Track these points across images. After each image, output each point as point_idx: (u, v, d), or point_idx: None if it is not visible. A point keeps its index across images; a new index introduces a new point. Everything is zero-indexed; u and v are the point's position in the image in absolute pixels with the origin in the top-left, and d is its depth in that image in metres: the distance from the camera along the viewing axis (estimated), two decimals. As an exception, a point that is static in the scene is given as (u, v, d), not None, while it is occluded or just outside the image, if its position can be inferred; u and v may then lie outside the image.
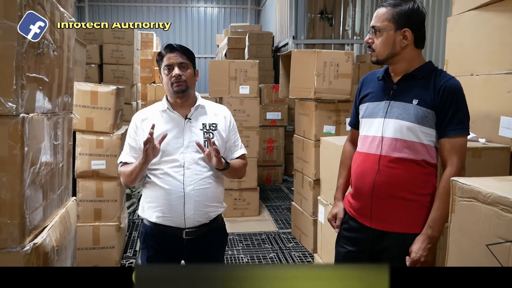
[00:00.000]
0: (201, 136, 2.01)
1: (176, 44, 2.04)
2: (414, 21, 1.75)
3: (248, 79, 4.82)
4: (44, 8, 1.25)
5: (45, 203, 1.36)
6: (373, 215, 1.83)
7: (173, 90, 1.98)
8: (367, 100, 1.90)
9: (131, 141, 2.04)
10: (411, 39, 1.75)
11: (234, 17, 14.21)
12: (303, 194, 4.02)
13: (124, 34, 6.64)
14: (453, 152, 1.69)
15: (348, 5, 8.51)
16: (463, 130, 1.70)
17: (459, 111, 1.69)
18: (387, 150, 1.78)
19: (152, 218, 2.00)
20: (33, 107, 1.21)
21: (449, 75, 1.78)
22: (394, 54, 1.77)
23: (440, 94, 1.70)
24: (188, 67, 2.01)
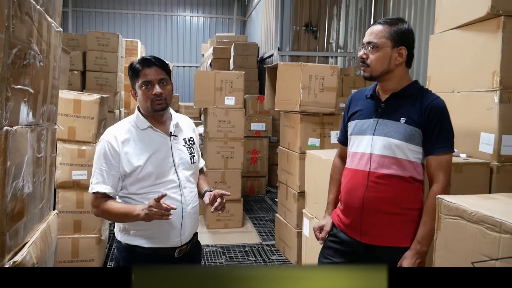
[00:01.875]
0: (187, 153, 1.97)
1: (153, 57, 1.89)
2: (409, 41, 1.83)
3: (234, 90, 4.83)
4: (31, 18, 1.23)
5: (26, 218, 1.33)
6: (362, 229, 1.86)
7: (153, 108, 1.86)
8: (356, 118, 1.94)
9: (107, 167, 1.82)
10: (404, 58, 1.82)
11: (220, 27, 14.27)
12: (287, 206, 4.02)
13: (109, 41, 6.59)
14: (439, 169, 1.75)
15: (333, 18, 8.63)
16: (449, 148, 1.77)
17: (445, 130, 1.76)
18: (375, 167, 1.82)
19: (144, 244, 1.86)
20: (17, 119, 1.19)
21: (435, 94, 1.84)
22: (388, 71, 1.83)
23: (427, 113, 1.76)
24: (167, 82, 1.89)
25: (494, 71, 2.39)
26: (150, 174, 1.84)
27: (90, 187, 1.86)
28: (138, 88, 1.87)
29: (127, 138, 1.85)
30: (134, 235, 1.87)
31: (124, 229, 1.90)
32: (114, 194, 1.86)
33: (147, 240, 1.86)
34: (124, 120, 1.97)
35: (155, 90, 1.83)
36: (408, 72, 1.88)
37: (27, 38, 1.19)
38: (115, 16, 13.75)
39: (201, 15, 14.27)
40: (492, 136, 2.38)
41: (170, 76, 1.94)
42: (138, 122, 1.90)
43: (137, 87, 1.87)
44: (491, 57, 2.41)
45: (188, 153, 1.97)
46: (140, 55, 9.91)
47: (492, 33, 2.41)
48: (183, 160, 1.93)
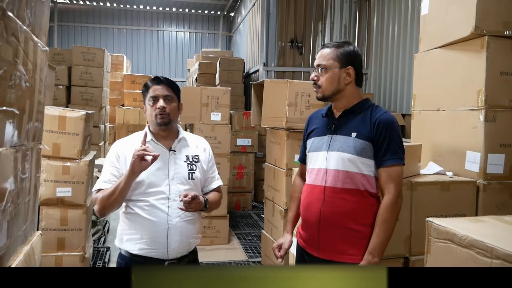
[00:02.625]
0: (185, 168, 2.06)
1: (163, 77, 2.08)
2: (356, 61, 1.93)
3: (220, 106, 4.82)
4: (18, 38, 1.21)
5: (9, 241, 1.29)
6: (320, 245, 1.91)
7: (156, 122, 2.01)
8: (313, 135, 2.02)
9: (112, 169, 2.01)
10: (352, 77, 1.91)
11: (206, 42, 14.33)
12: (273, 222, 4.00)
13: (94, 56, 6.57)
14: (390, 180, 1.81)
15: (318, 34, 8.74)
16: (398, 160, 1.82)
17: (393, 143, 1.82)
18: (331, 181, 1.89)
19: (134, 250, 1.98)
20: (2, 141, 1.16)
21: (383, 109, 1.93)
22: (339, 90, 1.92)
23: (375, 127, 1.83)
24: (173, 100, 2.04)
25: (479, 90, 2.43)
26: (142, 182, 1.95)
27: (95, 185, 2.03)
28: (147, 102, 2.06)
29: (131, 147, 1.99)
30: (127, 240, 2.00)
31: (120, 234, 2.05)
32: None
33: (136, 246, 1.97)
34: (134, 134, 2.16)
35: (159, 104, 1.99)
36: (359, 91, 1.98)
37: (13, 59, 1.17)
38: (101, 31, 13.71)
39: (187, 30, 14.32)
40: (478, 154, 2.42)
41: (179, 96, 2.10)
42: (143, 135, 2.03)
43: (146, 102, 2.06)
44: (475, 76, 2.46)
45: (187, 169, 2.05)
46: (126, 70, 9.88)
47: (476, 53, 2.46)
48: (179, 175, 2.02)
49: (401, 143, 1.85)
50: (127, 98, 8.92)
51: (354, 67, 1.91)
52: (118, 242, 2.06)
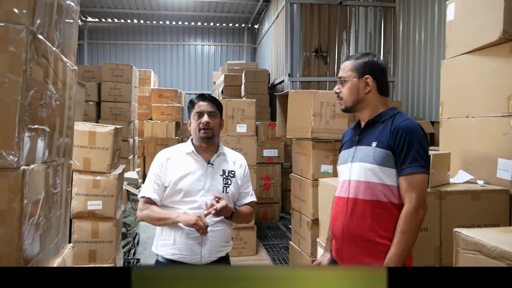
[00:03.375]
0: (220, 182, 2.18)
1: (208, 95, 2.26)
2: (373, 69, 1.92)
3: (245, 117, 4.86)
4: (48, 59, 1.27)
5: (42, 254, 1.33)
6: (343, 257, 1.90)
7: (199, 136, 2.16)
8: (342, 149, 2.06)
9: (155, 178, 2.16)
10: (373, 85, 1.91)
11: (231, 55, 14.48)
12: (301, 233, 3.98)
13: (123, 72, 6.74)
14: (410, 189, 1.75)
15: (342, 43, 8.70)
16: (419, 168, 1.75)
17: (413, 149, 1.76)
18: (353, 193, 1.87)
19: (167, 255, 2.10)
20: (34, 158, 1.21)
21: (406, 117, 1.88)
22: (359, 100, 1.93)
23: (394, 135, 1.80)
24: (216, 116, 2.20)
25: (509, 95, 2.37)
26: (179, 190, 2.10)
27: (141, 191, 2.20)
28: (192, 117, 2.22)
29: (173, 157, 2.19)
30: (161, 245, 2.14)
31: (156, 240, 2.20)
32: (158, 201, 2.16)
33: (170, 251, 2.10)
34: (178, 145, 2.33)
35: (203, 120, 2.15)
36: (384, 100, 1.96)
37: (44, 79, 1.22)
38: (129, 47, 14.07)
39: (212, 43, 14.52)
40: (509, 162, 2.34)
41: (221, 113, 2.26)
42: (186, 147, 2.23)
43: (191, 117, 2.22)
44: (505, 82, 2.39)
45: (223, 183, 2.19)
46: (153, 85, 10.09)
47: (504, 58, 2.40)
48: (213, 187, 2.15)
49: (422, 149, 1.78)
50: (155, 112, 9.09)
51: (373, 76, 1.90)
52: (154, 247, 2.19)
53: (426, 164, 1.79)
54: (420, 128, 1.83)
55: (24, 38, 1.08)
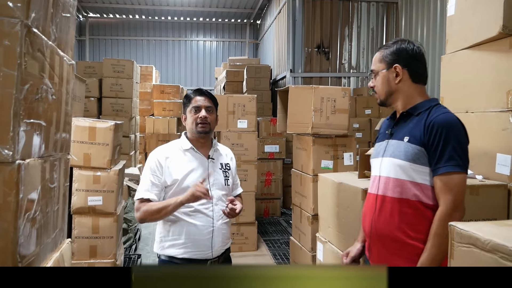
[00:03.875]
0: (222, 175, 2.24)
1: (205, 90, 2.26)
2: (403, 57, 1.80)
3: (246, 113, 4.86)
4: (43, 54, 1.27)
5: (39, 248, 1.34)
6: (371, 256, 1.84)
7: (197, 130, 2.17)
8: (376, 141, 1.97)
9: (153, 178, 2.13)
10: (404, 74, 1.80)
11: (233, 50, 14.47)
12: (301, 229, 3.98)
13: (124, 68, 6.74)
14: (445, 190, 1.62)
15: (344, 39, 8.68)
16: (455, 167, 1.61)
17: (449, 146, 1.62)
18: (382, 189, 1.78)
19: (178, 254, 2.10)
20: (30, 152, 1.21)
21: (444, 110, 1.74)
22: (392, 92, 1.83)
23: (429, 130, 1.67)
24: (213, 111, 2.22)
25: (509, 90, 2.36)
26: (187, 188, 2.08)
27: (136, 194, 2.14)
28: (188, 112, 2.20)
29: (171, 155, 2.16)
30: (169, 246, 2.12)
31: (161, 241, 2.15)
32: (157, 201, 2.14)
33: (180, 250, 2.09)
34: (171, 142, 2.29)
35: (201, 114, 2.15)
36: (420, 89, 1.83)
37: (39, 73, 1.23)
38: (131, 42, 14.08)
39: (214, 39, 14.51)
40: (508, 157, 2.34)
41: (217, 109, 2.27)
42: (183, 144, 2.21)
43: (188, 112, 2.21)
44: (504, 77, 2.38)
45: (223, 176, 2.23)
46: (155, 80, 10.09)
47: (504, 53, 2.39)
48: (217, 181, 2.19)
49: (460, 147, 1.63)
50: (156, 108, 9.10)
51: (402, 63, 1.78)
52: (159, 248, 2.16)
53: (464, 163, 1.63)
54: (459, 123, 1.68)
55: (19, 31, 1.08)
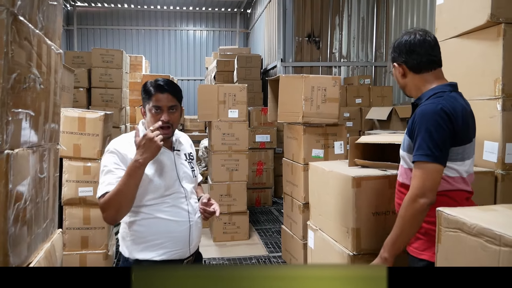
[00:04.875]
0: (188, 167, 2.07)
1: (166, 84, 1.94)
2: (400, 52, 1.88)
3: (237, 103, 4.85)
4: (30, 42, 1.26)
5: (30, 238, 1.34)
6: None
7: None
8: None
9: (118, 172, 1.84)
10: (404, 69, 1.88)
11: (223, 40, 14.37)
12: (292, 217, 4.01)
13: (113, 58, 6.67)
14: (413, 177, 1.73)
15: (335, 28, 8.67)
16: (421, 156, 1.68)
17: (419, 137, 1.70)
18: (399, 175, 1.94)
19: (155, 257, 1.89)
20: (18, 142, 1.20)
21: (429, 100, 1.77)
22: (403, 87, 1.95)
23: (413, 122, 1.77)
24: (176, 109, 1.95)
25: (496, 78, 2.38)
26: (159, 185, 1.91)
27: (99, 191, 1.84)
28: (148, 110, 1.95)
29: (133, 149, 1.86)
30: (144, 249, 1.90)
31: (133, 243, 1.92)
32: None
33: (159, 251, 1.90)
34: (129, 134, 2.01)
35: (163, 117, 1.90)
36: (425, 77, 1.85)
37: (27, 62, 1.21)
38: (119, 32, 13.90)
39: (204, 28, 14.39)
40: (495, 144, 2.37)
41: (181, 101, 2.01)
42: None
43: (147, 109, 1.95)
44: (492, 65, 2.40)
45: (189, 167, 2.07)
46: (145, 70, 10.00)
47: (492, 41, 2.41)
48: (186, 174, 2.02)
49: (429, 137, 1.68)
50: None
51: (399, 60, 1.87)
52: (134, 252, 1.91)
53: (433, 153, 1.67)
54: (437, 112, 1.70)
55: (5, 19, 1.06)
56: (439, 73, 1.88)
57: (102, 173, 1.88)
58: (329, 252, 2.55)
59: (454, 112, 1.72)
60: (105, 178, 1.85)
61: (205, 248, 4.56)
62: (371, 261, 2.36)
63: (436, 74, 1.86)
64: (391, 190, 2.32)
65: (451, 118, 1.70)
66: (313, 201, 2.92)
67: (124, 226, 1.97)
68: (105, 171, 1.87)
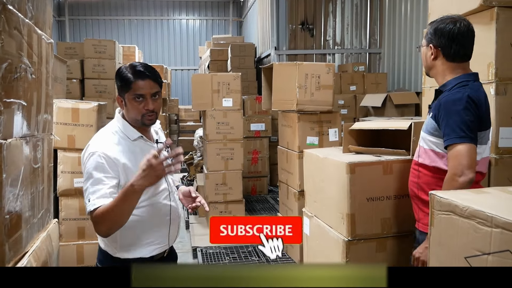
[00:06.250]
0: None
1: (146, 68, 1.77)
2: (438, 36, 1.93)
3: (231, 91, 4.84)
4: (20, 32, 1.25)
5: (25, 228, 1.34)
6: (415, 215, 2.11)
7: (143, 122, 1.78)
8: None
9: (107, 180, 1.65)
10: (438, 53, 1.93)
11: (216, 29, 14.28)
12: (288, 205, 4.03)
13: (106, 48, 6.62)
14: (450, 159, 1.82)
15: (329, 15, 8.63)
16: (456, 139, 1.79)
17: (450, 121, 1.81)
18: (417, 156, 2.04)
19: (146, 254, 1.82)
20: (11, 132, 1.20)
21: (458, 89, 1.86)
22: (429, 68, 2.01)
23: (439, 108, 1.87)
24: (159, 95, 1.81)
25: (489, 63, 2.38)
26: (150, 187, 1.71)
27: (89, 205, 1.61)
28: (128, 99, 1.75)
29: (121, 149, 1.73)
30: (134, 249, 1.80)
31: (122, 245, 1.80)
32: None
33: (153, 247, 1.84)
34: (108, 131, 1.82)
35: (148, 106, 1.74)
36: (454, 67, 1.93)
37: (17, 52, 1.20)
38: (112, 22, 13.78)
39: (197, 17, 14.28)
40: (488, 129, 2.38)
41: (161, 86, 1.85)
42: (127, 132, 1.79)
43: (127, 98, 1.75)
44: (485, 49, 2.40)
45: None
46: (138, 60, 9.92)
47: (485, 25, 2.41)
48: None
49: (461, 120, 1.79)
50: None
51: (436, 42, 1.92)
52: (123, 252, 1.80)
53: (467, 134, 1.78)
54: (465, 98, 1.81)
55: (-6, 9, 1.06)
56: (467, 65, 1.97)
57: (88, 180, 1.66)
58: (325, 238, 2.57)
59: (479, 100, 1.84)
60: (95, 188, 1.64)
61: (202, 237, 4.57)
62: (366, 246, 2.40)
63: (464, 65, 1.96)
64: (385, 175, 2.34)
65: (477, 104, 1.83)
66: (308, 188, 2.93)
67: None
68: (93, 179, 1.65)
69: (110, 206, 1.58)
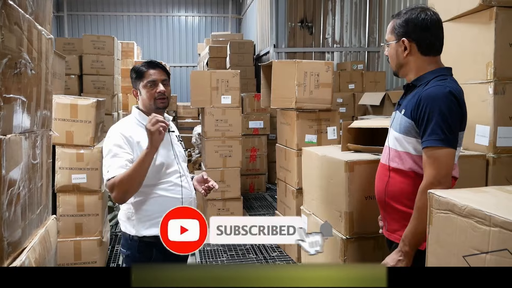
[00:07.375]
0: (181, 146, 2.21)
1: (156, 61, 2.12)
2: (411, 29, 1.73)
3: (230, 89, 4.83)
4: (21, 27, 1.24)
5: (24, 224, 1.34)
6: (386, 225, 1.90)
7: (156, 106, 2.03)
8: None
9: (124, 155, 1.92)
10: (412, 47, 1.74)
11: (215, 26, 14.24)
12: (286, 203, 4.04)
13: (104, 45, 6.60)
14: (427, 164, 1.63)
15: (328, 13, 8.62)
16: (437, 142, 1.61)
17: (433, 120, 1.62)
18: (385, 159, 1.84)
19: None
20: (11, 127, 1.20)
21: (441, 83, 1.68)
22: (401, 65, 1.80)
23: (418, 104, 1.66)
24: (168, 83, 2.09)
25: (488, 62, 2.39)
26: (161, 164, 2.01)
27: (107, 174, 1.90)
28: (142, 87, 2.04)
29: (136, 131, 2.00)
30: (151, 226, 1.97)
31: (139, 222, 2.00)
32: None
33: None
34: (125, 120, 2.11)
35: (159, 89, 2.02)
36: (430, 60, 1.76)
37: (17, 47, 1.20)
38: (111, 18, 13.72)
39: (196, 14, 14.24)
40: (487, 128, 2.39)
41: (169, 79, 2.14)
42: (142, 120, 2.04)
43: (141, 87, 2.04)
44: (484, 49, 2.41)
45: (182, 147, 2.22)
46: (137, 57, 9.90)
47: (484, 25, 2.41)
48: (180, 153, 2.16)
49: (444, 121, 1.61)
50: (139, 85, 8.97)
51: (411, 36, 1.73)
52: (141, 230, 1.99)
53: (447, 138, 1.61)
54: (448, 96, 1.63)
55: (-6, 4, 1.05)
56: (439, 59, 1.82)
57: (107, 156, 1.95)
58: (323, 236, 2.58)
59: (460, 96, 1.68)
60: (112, 161, 1.92)
61: (200, 234, 4.58)
62: (364, 244, 2.40)
63: (437, 59, 1.80)
64: (384, 174, 2.34)
65: (459, 101, 1.66)
66: (306, 186, 2.94)
67: (128, 207, 2.04)
68: (111, 154, 1.94)
69: (126, 172, 1.85)
